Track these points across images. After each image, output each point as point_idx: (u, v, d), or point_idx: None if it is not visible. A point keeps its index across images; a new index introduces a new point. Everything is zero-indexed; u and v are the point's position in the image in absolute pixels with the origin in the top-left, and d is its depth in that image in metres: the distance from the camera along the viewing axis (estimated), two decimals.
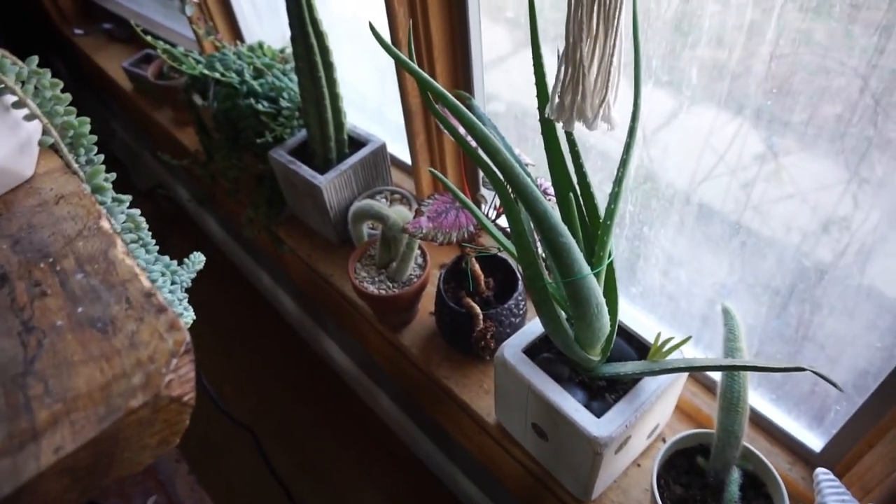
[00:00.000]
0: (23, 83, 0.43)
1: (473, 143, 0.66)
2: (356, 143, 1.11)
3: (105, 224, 0.42)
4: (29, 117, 0.43)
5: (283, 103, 1.10)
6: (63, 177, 0.46)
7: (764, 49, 0.62)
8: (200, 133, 1.26)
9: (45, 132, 0.45)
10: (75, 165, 0.47)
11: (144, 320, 0.36)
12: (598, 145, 0.86)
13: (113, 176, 0.52)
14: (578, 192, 0.69)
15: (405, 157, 1.23)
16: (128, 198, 0.54)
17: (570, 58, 0.54)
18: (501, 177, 0.58)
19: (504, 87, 0.96)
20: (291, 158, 1.07)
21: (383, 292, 0.92)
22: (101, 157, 0.51)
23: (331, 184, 1.04)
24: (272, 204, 1.22)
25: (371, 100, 1.28)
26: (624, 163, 0.63)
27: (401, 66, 0.88)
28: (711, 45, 0.67)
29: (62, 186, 0.46)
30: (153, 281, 0.55)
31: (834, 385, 0.53)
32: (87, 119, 0.49)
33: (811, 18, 0.59)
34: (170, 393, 0.33)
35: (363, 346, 1.18)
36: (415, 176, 1.05)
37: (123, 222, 0.52)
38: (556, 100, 0.57)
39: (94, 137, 0.50)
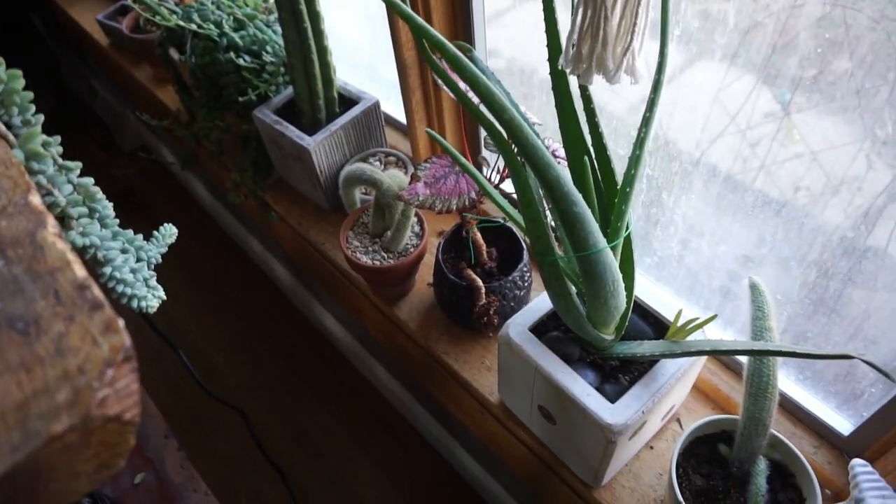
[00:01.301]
0: None
1: (476, 101, 0.59)
2: (347, 101, 1.03)
3: (34, 199, 0.35)
4: None
5: (267, 58, 1.02)
6: None
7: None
8: (180, 91, 1.18)
9: None
10: (3, 127, 0.39)
11: (75, 320, 0.29)
12: (605, 105, 0.78)
13: (57, 140, 0.45)
14: (593, 156, 0.62)
15: (400, 117, 1.15)
16: (77, 164, 0.47)
17: None
18: (508, 138, 0.51)
19: (504, 43, 0.88)
20: (277, 118, 0.99)
21: (377, 263, 0.85)
22: (40, 117, 0.43)
23: (320, 146, 0.96)
24: (258, 168, 1.14)
25: (363, 54, 1.19)
26: (646, 121, 0.55)
27: (393, 11, 0.79)
28: None
29: None
30: (110, 260, 0.48)
31: (887, 376, 0.46)
32: (19, 72, 0.41)
33: None
34: (104, 412, 0.27)
35: (357, 318, 1.12)
36: (411, 137, 0.97)
37: (70, 194, 0.45)
38: (573, 49, 0.50)
39: (30, 95, 0.42)
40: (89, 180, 0.48)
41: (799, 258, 0.67)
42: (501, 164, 0.78)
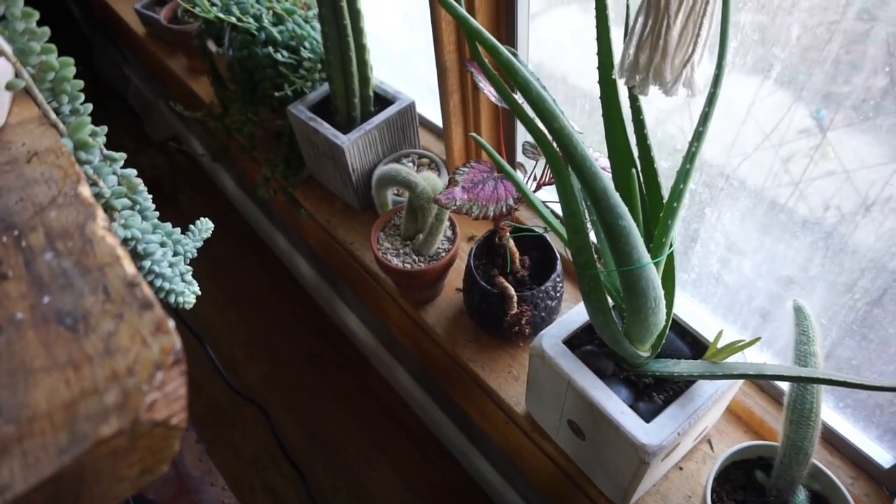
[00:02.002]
0: None
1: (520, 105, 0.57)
2: (383, 100, 1.02)
3: (84, 190, 0.34)
4: None
5: (305, 53, 1.01)
6: (39, 129, 0.39)
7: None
8: (215, 83, 1.18)
9: (16, 74, 0.37)
10: (54, 116, 0.39)
11: (125, 318, 0.28)
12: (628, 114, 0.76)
13: (104, 130, 0.44)
14: (639, 168, 0.60)
15: (434, 119, 1.14)
16: (121, 156, 0.46)
17: (653, 4, 0.45)
18: (556, 147, 0.50)
19: (532, 47, 0.87)
20: (312, 115, 0.99)
21: (408, 266, 0.84)
22: (89, 106, 0.43)
23: (354, 144, 0.95)
24: (289, 164, 1.14)
25: (399, 54, 1.18)
26: (699, 135, 0.54)
27: (444, 11, 0.78)
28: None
29: (37, 141, 0.38)
30: (150, 254, 0.47)
31: None
32: (70, 60, 0.41)
33: None
34: (153, 417, 0.26)
35: (383, 320, 1.11)
36: (446, 140, 0.96)
37: (114, 185, 0.44)
38: (630, 57, 0.48)
39: (80, 83, 0.42)
40: (132, 171, 0.48)
41: (846, 282, 0.64)
42: (538, 171, 0.76)
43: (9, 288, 0.30)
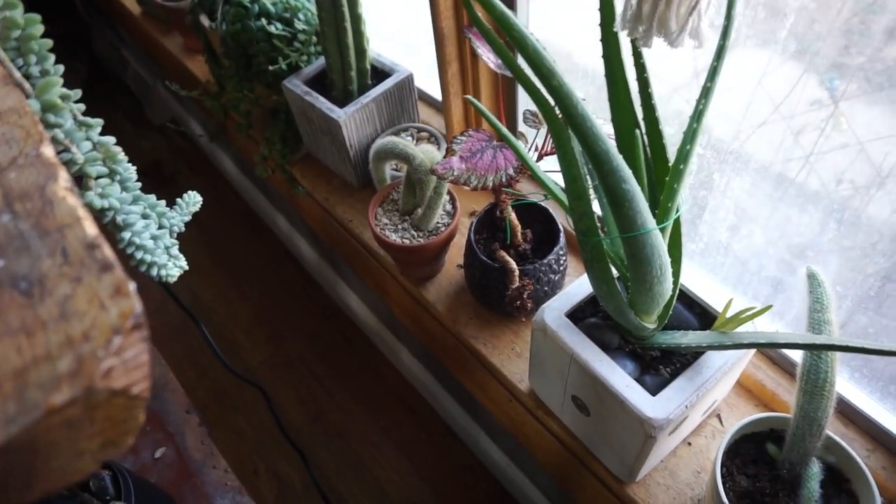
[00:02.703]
0: None
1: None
2: (380, 73, 0.99)
3: (47, 151, 0.32)
4: None
5: (299, 25, 0.98)
6: (2, 90, 0.36)
7: None
8: (210, 60, 1.15)
9: None
10: (18, 75, 0.37)
11: (83, 281, 0.26)
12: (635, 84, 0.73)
13: (77, 94, 0.42)
14: (643, 131, 0.57)
15: (433, 92, 1.11)
16: (98, 122, 0.44)
17: None
18: (556, 107, 0.47)
19: (538, 25, 0.84)
20: (307, 89, 0.96)
21: (407, 242, 0.82)
22: (60, 68, 0.41)
23: (351, 118, 0.92)
24: (287, 141, 1.11)
25: (396, 26, 1.15)
26: (706, 92, 0.51)
27: None
28: None
29: None
30: (129, 225, 0.45)
31: None
32: (37, 17, 0.38)
33: None
34: (109, 384, 0.24)
35: (383, 299, 1.09)
36: (445, 111, 0.93)
37: (89, 151, 0.42)
38: (632, 7, 0.45)
39: (49, 42, 0.39)
40: (110, 139, 0.46)
41: (862, 248, 0.62)
42: (539, 141, 0.74)
43: None
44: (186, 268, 0.53)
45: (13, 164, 0.32)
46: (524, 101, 0.89)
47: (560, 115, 0.48)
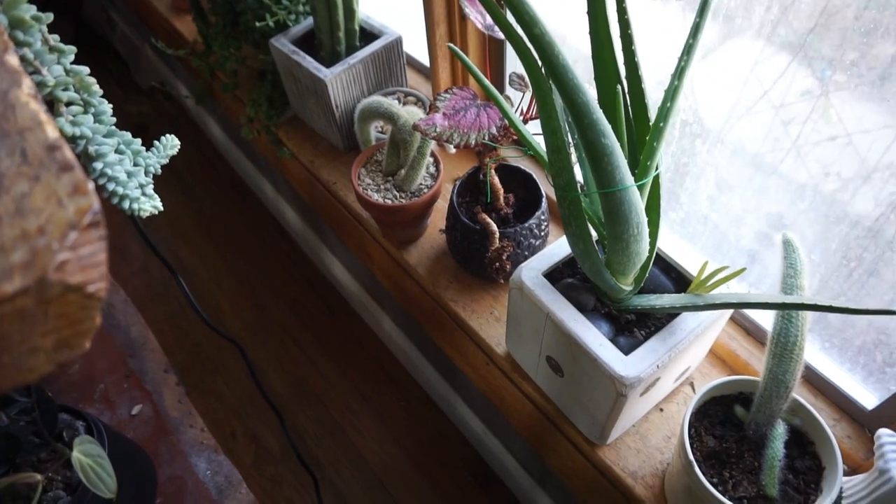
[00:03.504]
0: None
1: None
2: (369, 35, 0.98)
3: (11, 59, 0.31)
4: None
5: None
6: None
7: None
8: (198, 19, 1.13)
9: None
10: None
11: (41, 180, 0.26)
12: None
13: (49, 17, 0.41)
14: (625, 89, 0.57)
15: (422, 59, 1.10)
16: (71, 49, 0.43)
17: None
18: (537, 57, 0.47)
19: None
20: (294, 48, 0.95)
21: (389, 202, 0.82)
22: None
23: (337, 78, 0.92)
24: (273, 102, 1.10)
25: None
26: (689, 48, 0.51)
27: None
28: None
29: None
30: (102, 155, 0.45)
31: None
32: None
33: None
34: (63, 277, 0.24)
35: (366, 263, 1.09)
36: (432, 74, 0.93)
37: (60, 75, 0.41)
38: None
39: None
40: (84, 69, 0.45)
41: (837, 217, 0.62)
42: (525, 105, 0.73)
43: None
44: (161, 208, 0.52)
45: None
46: (511, 65, 0.89)
47: (542, 67, 0.48)
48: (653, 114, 0.56)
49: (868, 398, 0.67)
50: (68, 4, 2.28)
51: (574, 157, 0.60)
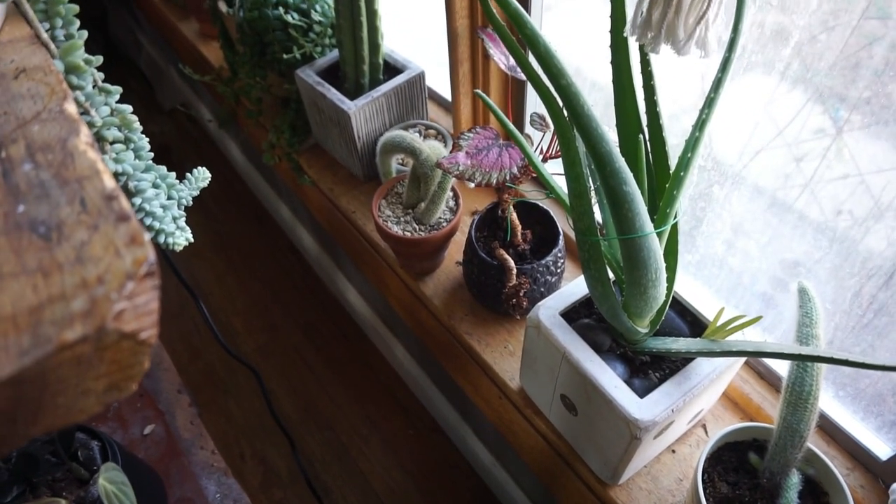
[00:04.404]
0: None
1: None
2: (392, 69, 1.01)
3: (70, 107, 0.33)
4: None
5: (315, 17, 1.00)
6: (29, 48, 0.38)
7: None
8: (225, 47, 1.17)
9: None
10: (45, 35, 0.38)
11: (99, 229, 0.27)
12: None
13: (98, 60, 0.43)
14: (647, 137, 0.58)
15: (443, 92, 1.12)
16: (117, 89, 0.45)
17: None
18: (563, 106, 0.49)
19: (549, 39, 0.85)
20: (319, 80, 0.98)
21: (408, 234, 0.83)
22: (84, 33, 0.42)
23: (360, 111, 0.94)
24: (296, 130, 1.13)
25: (411, 23, 1.17)
26: (710, 102, 0.52)
27: None
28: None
29: (26, 59, 0.37)
30: (141, 191, 0.46)
31: None
32: None
33: None
34: (120, 326, 0.25)
35: (381, 292, 1.10)
36: (454, 109, 0.95)
37: (107, 115, 0.43)
38: (641, 15, 0.47)
39: (75, 8, 0.41)
40: (127, 107, 0.47)
41: (853, 268, 0.63)
42: (545, 144, 0.75)
43: None
44: (192, 239, 0.54)
45: (37, 117, 0.33)
46: (532, 105, 0.91)
47: (566, 115, 0.50)
48: (672, 161, 0.57)
49: (882, 448, 0.67)
50: (95, 24, 2.34)
51: (594, 200, 0.61)
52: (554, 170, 0.65)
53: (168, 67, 2.01)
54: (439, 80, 1.13)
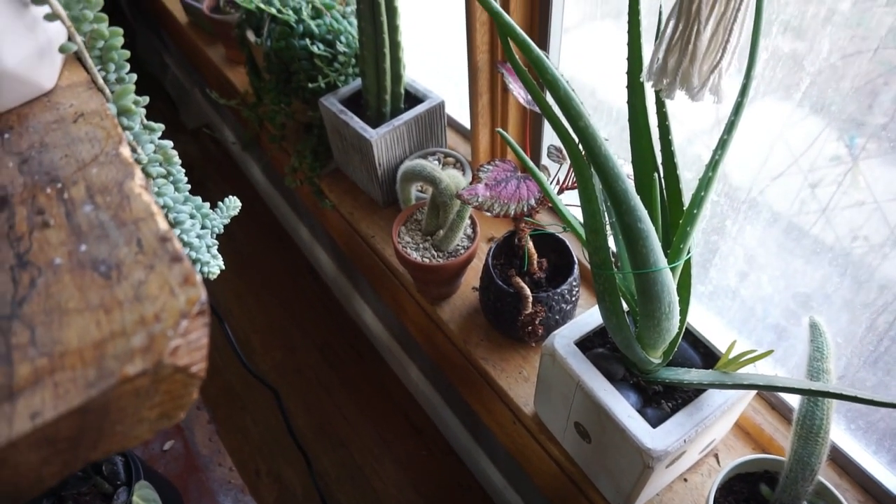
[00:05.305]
0: None
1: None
2: (413, 98, 1.04)
3: (125, 151, 0.36)
4: (51, 17, 0.37)
5: (340, 48, 1.03)
6: (87, 93, 0.41)
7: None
8: (251, 73, 1.20)
9: (69, 38, 0.39)
10: (101, 81, 0.41)
11: (155, 269, 0.30)
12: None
13: (145, 100, 0.46)
14: (661, 174, 0.61)
15: (462, 120, 1.15)
16: (160, 126, 0.48)
17: (685, 8, 0.45)
18: (580, 146, 0.51)
19: (566, 59, 0.88)
20: (343, 108, 1.01)
21: (427, 261, 0.85)
22: (133, 76, 0.45)
23: (382, 139, 0.97)
24: (318, 155, 1.16)
25: (432, 54, 1.20)
26: (723, 144, 0.54)
27: (475, 10, 0.80)
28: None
29: (84, 103, 0.40)
30: (180, 223, 0.49)
31: None
32: (120, 30, 0.43)
33: None
34: (175, 361, 0.27)
35: (398, 314, 1.12)
36: (472, 140, 0.97)
37: (151, 153, 0.46)
38: (658, 61, 0.49)
39: (127, 53, 0.44)
40: (169, 143, 0.50)
41: (865, 302, 0.64)
42: (562, 175, 0.77)
43: (50, 235, 0.32)
44: (223, 267, 0.56)
45: (95, 160, 0.36)
46: (549, 137, 0.93)
47: (584, 154, 0.52)
48: (686, 198, 0.59)
49: (894, 482, 0.67)
50: (124, 47, 2.41)
51: (609, 233, 0.63)
52: (569, 200, 0.67)
53: (193, 89, 2.07)
54: (458, 108, 1.16)
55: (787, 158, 0.66)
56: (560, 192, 0.76)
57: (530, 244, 0.81)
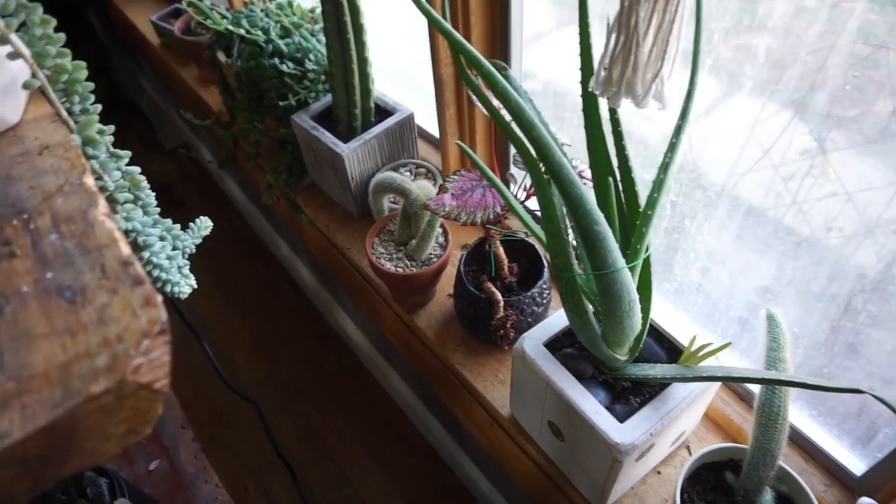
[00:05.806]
0: (7, 16, 0.38)
1: (508, 117, 0.61)
2: (383, 111, 1.06)
3: (88, 180, 0.38)
4: (13, 56, 0.38)
5: (309, 65, 1.05)
6: (51, 125, 0.42)
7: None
8: (224, 93, 1.22)
9: (33, 75, 0.41)
10: (65, 114, 0.42)
11: (118, 292, 0.31)
12: (637, 130, 0.79)
13: (111, 129, 0.48)
14: (618, 178, 0.63)
15: (433, 130, 1.17)
16: (126, 153, 0.50)
17: (624, 23, 0.48)
18: (535, 155, 0.53)
19: (542, 65, 0.90)
20: (314, 124, 1.02)
21: (400, 270, 0.87)
22: (98, 107, 0.46)
23: (353, 153, 0.98)
24: (292, 171, 1.17)
25: (402, 66, 1.22)
26: (672, 147, 0.57)
27: (433, 26, 0.82)
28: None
29: (48, 136, 0.41)
30: (149, 246, 0.50)
31: (894, 411, 0.47)
32: (83, 64, 0.44)
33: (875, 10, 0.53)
34: (137, 379, 0.29)
35: (378, 324, 1.14)
36: (442, 150, 1.00)
37: (118, 180, 0.47)
38: (603, 72, 0.51)
39: (91, 85, 0.45)
40: (136, 169, 0.51)
41: (820, 294, 0.67)
42: (528, 182, 0.79)
43: (16, 265, 0.33)
44: (196, 286, 0.58)
45: (60, 191, 0.37)
46: None
47: (540, 163, 0.54)
48: (643, 200, 0.62)
49: (857, 465, 0.70)
50: (99, 68, 2.41)
51: (571, 238, 0.66)
52: (535, 206, 0.70)
53: (169, 109, 2.07)
54: (430, 119, 1.18)
55: (758, 152, 0.68)
56: (527, 198, 0.78)
57: (500, 250, 0.83)
